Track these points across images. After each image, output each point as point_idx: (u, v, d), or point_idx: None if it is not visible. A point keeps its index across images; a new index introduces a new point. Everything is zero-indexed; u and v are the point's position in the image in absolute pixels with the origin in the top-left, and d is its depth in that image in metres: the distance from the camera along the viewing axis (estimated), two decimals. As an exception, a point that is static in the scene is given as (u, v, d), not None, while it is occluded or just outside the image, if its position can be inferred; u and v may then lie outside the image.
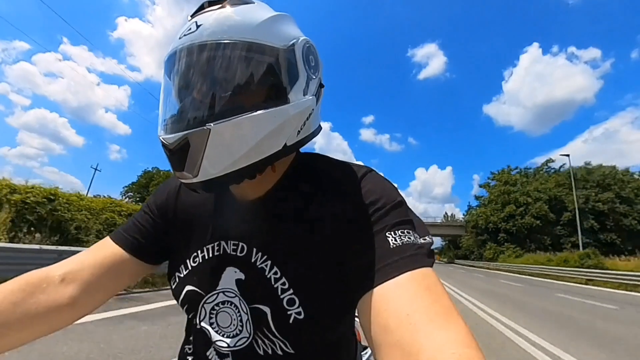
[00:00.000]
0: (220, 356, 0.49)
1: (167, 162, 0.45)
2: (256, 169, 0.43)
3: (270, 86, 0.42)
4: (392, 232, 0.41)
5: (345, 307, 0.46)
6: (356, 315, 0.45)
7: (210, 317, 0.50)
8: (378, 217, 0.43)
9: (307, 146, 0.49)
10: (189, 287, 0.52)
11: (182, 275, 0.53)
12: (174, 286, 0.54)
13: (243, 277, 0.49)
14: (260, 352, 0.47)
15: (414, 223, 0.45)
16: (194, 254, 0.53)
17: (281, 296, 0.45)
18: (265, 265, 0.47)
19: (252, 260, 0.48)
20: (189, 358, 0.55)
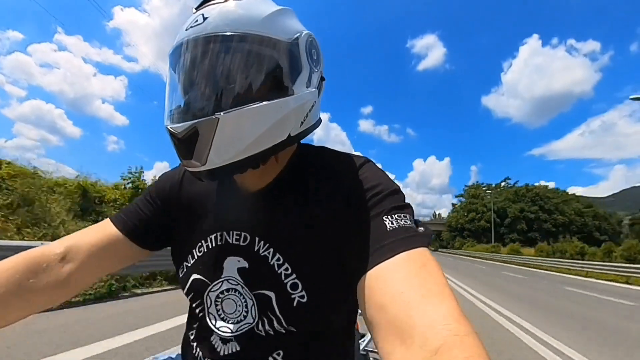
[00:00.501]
0: (224, 341, 0.51)
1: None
2: (261, 159, 0.44)
3: (275, 78, 0.43)
4: (389, 216, 0.42)
5: (346, 290, 0.45)
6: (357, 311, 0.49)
7: (216, 304, 0.52)
8: (375, 202, 0.44)
9: (307, 138, 0.51)
10: (195, 275, 0.53)
11: (189, 264, 0.55)
12: (181, 275, 0.56)
13: (246, 265, 0.50)
14: (263, 334, 0.48)
15: (412, 209, 0.46)
16: (199, 243, 0.54)
17: (285, 281, 0.47)
18: (268, 253, 0.49)
19: (255, 249, 0.50)
20: (192, 344, 0.56)
